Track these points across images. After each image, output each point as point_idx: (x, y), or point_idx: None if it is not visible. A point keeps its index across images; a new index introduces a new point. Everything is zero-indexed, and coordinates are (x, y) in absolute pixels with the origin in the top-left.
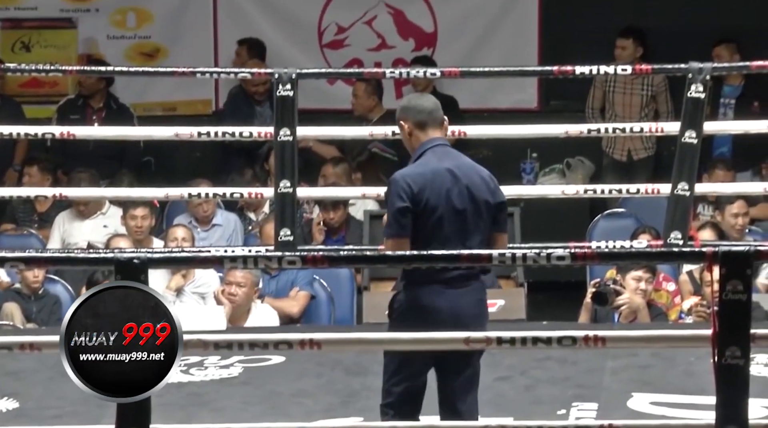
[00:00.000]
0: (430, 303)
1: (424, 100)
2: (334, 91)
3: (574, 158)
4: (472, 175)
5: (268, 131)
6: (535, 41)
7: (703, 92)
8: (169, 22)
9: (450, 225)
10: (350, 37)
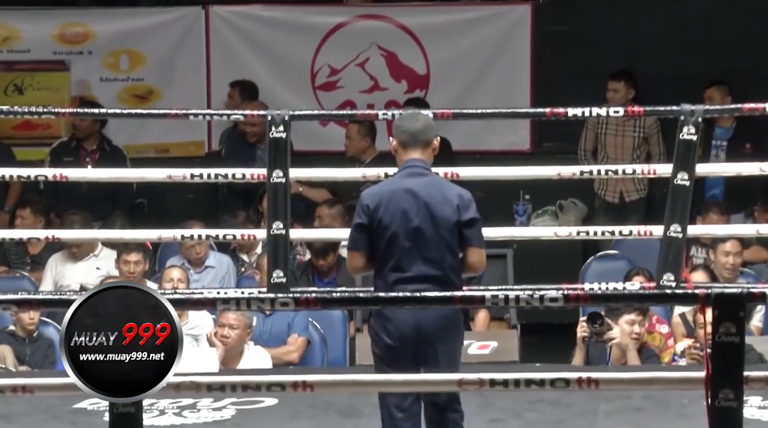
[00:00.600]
0: (394, 315)
1: (411, 122)
2: (326, 132)
3: (567, 200)
4: (434, 193)
5: (261, 173)
6: (527, 84)
7: (695, 134)
8: (161, 64)
9: (406, 241)
10: (343, 79)
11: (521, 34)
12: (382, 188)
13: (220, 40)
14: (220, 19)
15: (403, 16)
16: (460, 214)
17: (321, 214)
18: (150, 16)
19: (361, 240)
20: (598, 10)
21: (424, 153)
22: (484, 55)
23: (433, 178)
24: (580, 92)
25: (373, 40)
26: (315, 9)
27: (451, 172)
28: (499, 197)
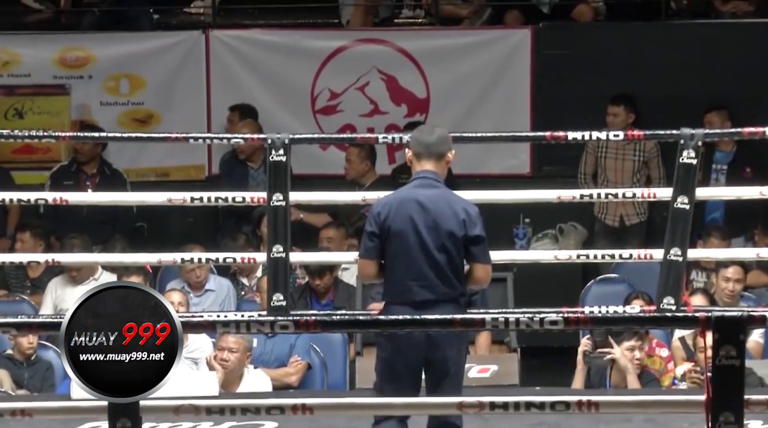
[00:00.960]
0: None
1: (427, 134)
2: (326, 156)
3: (567, 224)
4: (442, 206)
5: (261, 196)
6: (527, 108)
7: (695, 158)
8: (162, 88)
9: (412, 251)
10: (343, 103)
11: (521, 58)
12: (392, 198)
13: (220, 64)
14: (220, 43)
15: (403, 40)
16: (466, 229)
17: (327, 235)
18: (150, 41)
19: (373, 249)
20: (598, 34)
21: (437, 165)
22: (484, 79)
23: (442, 191)
24: (580, 116)
25: (373, 64)
26: (315, 33)
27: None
28: (500, 220)
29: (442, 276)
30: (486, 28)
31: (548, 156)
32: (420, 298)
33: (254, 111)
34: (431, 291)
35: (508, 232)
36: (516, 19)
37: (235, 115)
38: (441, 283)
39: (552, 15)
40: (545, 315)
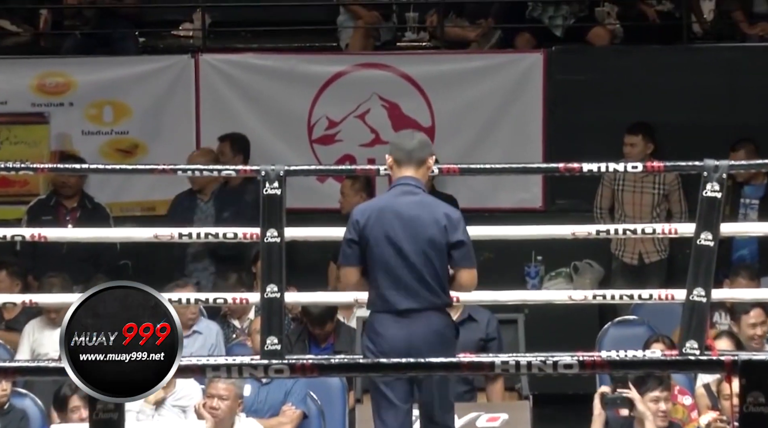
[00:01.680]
0: (385, 330)
1: (407, 140)
2: (324, 189)
3: (582, 261)
4: (422, 213)
5: (255, 232)
6: (539, 137)
7: (719, 191)
8: (148, 116)
9: (392, 258)
10: (342, 132)
11: (532, 84)
12: (372, 204)
13: (210, 90)
14: (211, 68)
15: (406, 65)
16: (448, 235)
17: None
18: (136, 66)
19: (353, 255)
20: (615, 58)
21: (418, 171)
22: (492, 106)
23: (423, 198)
24: (596, 146)
25: (374, 91)
26: (312, 57)
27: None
28: (510, 258)
29: (424, 284)
30: (495, 52)
31: (562, 189)
32: (403, 307)
33: (245, 140)
34: (414, 300)
35: (519, 271)
36: (527, 42)
37: (226, 146)
38: (424, 291)
39: (565, 38)
40: (559, 359)
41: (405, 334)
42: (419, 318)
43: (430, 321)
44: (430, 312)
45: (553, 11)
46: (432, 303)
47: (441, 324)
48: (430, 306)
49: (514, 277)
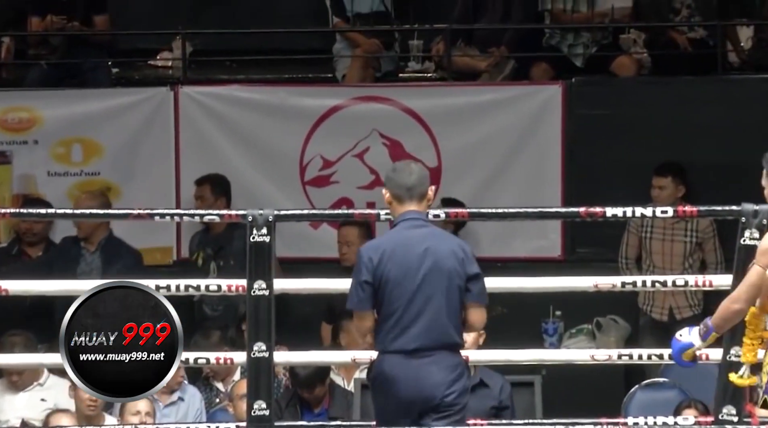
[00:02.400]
0: (394, 372)
1: (405, 176)
2: (318, 236)
3: (606, 317)
4: (438, 244)
5: (240, 285)
6: (558, 178)
7: (759, 239)
8: (121, 155)
9: (411, 295)
10: (338, 173)
11: (550, 119)
12: (383, 242)
13: (191, 126)
14: (192, 101)
15: (410, 98)
16: (465, 267)
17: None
18: (108, 99)
19: (367, 299)
20: (642, 91)
21: (420, 205)
22: (505, 144)
23: (433, 230)
24: (621, 189)
25: (374, 127)
26: (305, 89)
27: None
28: (526, 313)
29: (440, 322)
30: (508, 84)
31: (583, 236)
32: (414, 346)
33: (226, 182)
34: (427, 338)
35: (536, 327)
36: (544, 72)
37: (205, 189)
38: (438, 329)
39: (587, 68)
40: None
41: (414, 377)
42: (430, 356)
43: (441, 359)
44: (443, 352)
45: (573, 39)
46: (446, 343)
47: (451, 360)
48: (443, 347)
49: (530, 335)
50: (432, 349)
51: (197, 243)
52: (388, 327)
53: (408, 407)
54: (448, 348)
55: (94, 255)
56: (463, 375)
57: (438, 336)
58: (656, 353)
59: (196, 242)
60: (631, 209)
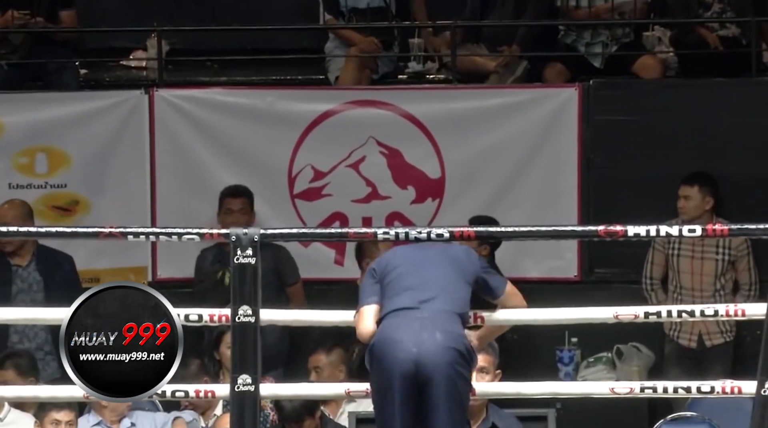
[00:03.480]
0: (394, 335)
1: None
2: (309, 254)
3: (627, 345)
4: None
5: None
6: (574, 191)
7: None
8: (91, 166)
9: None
10: (331, 185)
11: (566, 125)
12: (391, 250)
13: (168, 133)
14: (169, 106)
15: (410, 103)
16: (474, 263)
17: (317, 363)
18: (76, 104)
19: (372, 291)
20: (667, 94)
21: None
22: (516, 153)
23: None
24: (644, 203)
25: (371, 134)
26: (294, 93)
27: (473, 314)
28: (539, 341)
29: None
30: (520, 87)
31: (602, 255)
32: (416, 314)
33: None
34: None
35: (550, 356)
36: (559, 74)
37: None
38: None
39: (606, 69)
40: None
41: (413, 339)
42: (431, 324)
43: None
44: (444, 318)
45: (591, 37)
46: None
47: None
48: (446, 311)
49: (544, 364)
50: (435, 315)
51: (212, 261)
52: (389, 294)
53: (403, 387)
54: (453, 317)
55: (28, 269)
56: (467, 351)
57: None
58: (683, 386)
59: (211, 260)
60: (656, 228)
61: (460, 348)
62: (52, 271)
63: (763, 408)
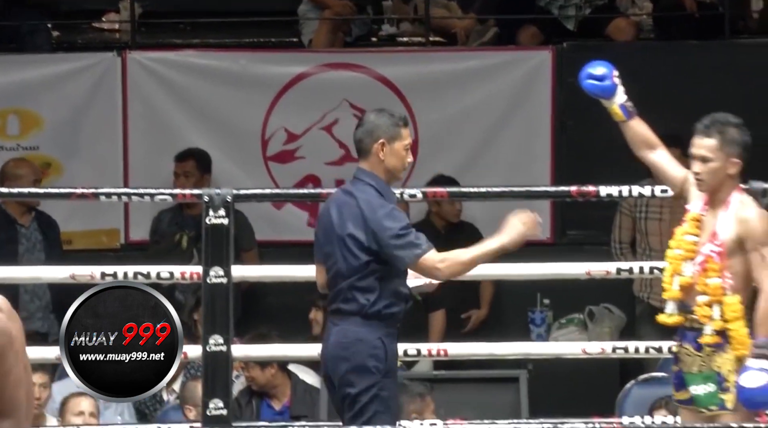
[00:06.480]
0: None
1: (356, 129)
2: (282, 216)
3: (599, 306)
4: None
5: (195, 271)
6: (547, 154)
7: None
8: (63, 128)
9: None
10: (304, 147)
11: (539, 88)
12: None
13: (140, 96)
14: (142, 68)
15: (384, 65)
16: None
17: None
18: (48, 66)
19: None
20: (642, 57)
21: (367, 162)
22: (490, 116)
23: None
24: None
25: (344, 96)
26: (268, 55)
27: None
28: (511, 302)
29: (340, 286)
30: (493, 49)
31: (574, 217)
32: (332, 308)
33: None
34: (332, 304)
35: (522, 317)
36: (533, 37)
37: (190, 165)
38: (339, 294)
39: (580, 32)
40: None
41: (325, 344)
42: (336, 325)
43: (342, 329)
44: (346, 317)
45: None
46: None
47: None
48: (349, 311)
49: (516, 326)
50: (340, 315)
51: (168, 223)
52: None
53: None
54: (357, 314)
55: (30, 229)
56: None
57: (341, 303)
58: (654, 345)
59: (167, 222)
60: (628, 188)
61: (345, 355)
62: (47, 232)
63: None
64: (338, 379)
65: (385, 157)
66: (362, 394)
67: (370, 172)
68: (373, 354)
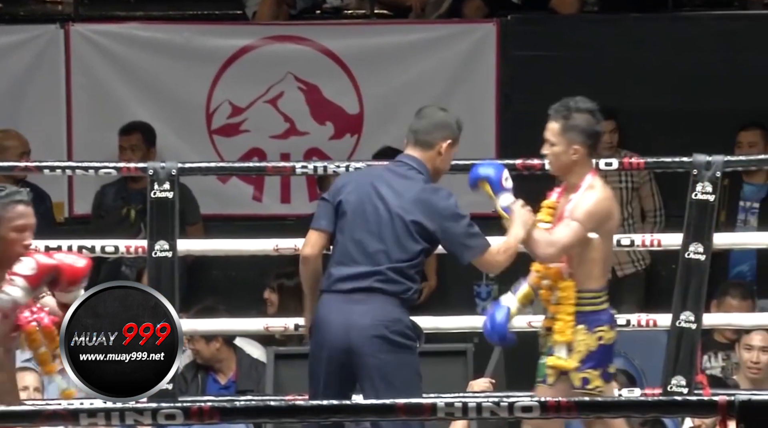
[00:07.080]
0: (326, 315)
1: (419, 118)
2: (227, 190)
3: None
4: (404, 191)
5: (140, 245)
6: (492, 126)
7: (712, 193)
8: (5, 102)
9: (361, 229)
10: (249, 121)
11: (484, 61)
12: (359, 173)
13: (84, 69)
14: (85, 41)
15: (329, 38)
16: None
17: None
18: None
19: (319, 217)
20: (585, 29)
21: (421, 153)
22: (434, 89)
23: (412, 175)
24: None
25: (289, 70)
26: (212, 28)
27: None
28: (456, 276)
29: (383, 267)
30: (437, 22)
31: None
32: (348, 286)
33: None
34: (364, 281)
35: (467, 292)
36: (477, 10)
37: (136, 138)
38: (379, 274)
39: (524, 5)
40: (516, 399)
41: (343, 321)
42: (363, 301)
43: (374, 304)
44: (378, 293)
45: None
46: (384, 289)
47: (386, 307)
48: (380, 288)
49: (462, 300)
50: (368, 291)
51: (114, 198)
52: (332, 263)
53: (335, 359)
54: (388, 294)
55: None
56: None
57: (377, 281)
58: None
59: (112, 196)
60: None
61: (386, 334)
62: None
63: (678, 339)
64: (373, 353)
65: (443, 156)
66: (400, 368)
67: (423, 163)
68: (407, 334)
